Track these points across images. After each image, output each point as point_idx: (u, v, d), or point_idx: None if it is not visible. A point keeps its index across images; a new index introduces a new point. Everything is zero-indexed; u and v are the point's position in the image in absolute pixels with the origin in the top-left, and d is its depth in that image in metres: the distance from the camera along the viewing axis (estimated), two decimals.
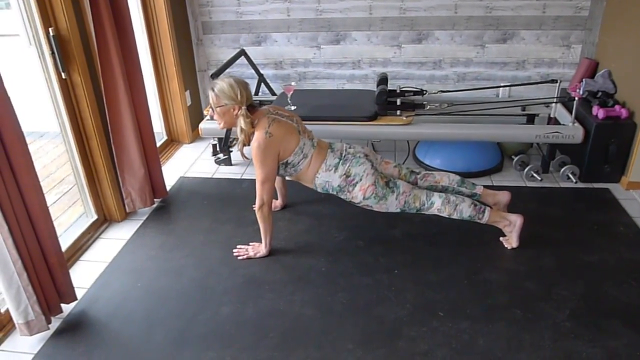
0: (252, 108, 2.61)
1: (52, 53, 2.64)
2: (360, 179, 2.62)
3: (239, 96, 2.52)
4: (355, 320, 2.35)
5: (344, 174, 2.64)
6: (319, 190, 2.74)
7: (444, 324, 2.31)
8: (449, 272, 2.64)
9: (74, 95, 2.80)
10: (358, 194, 2.65)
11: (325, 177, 2.67)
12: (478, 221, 2.71)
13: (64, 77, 2.72)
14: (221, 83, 2.55)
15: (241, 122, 2.56)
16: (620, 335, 2.22)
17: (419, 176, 2.85)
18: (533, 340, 2.21)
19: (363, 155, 2.69)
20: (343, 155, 2.68)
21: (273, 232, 2.78)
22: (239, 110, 2.55)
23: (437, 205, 2.67)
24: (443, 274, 2.63)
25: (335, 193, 2.71)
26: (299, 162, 2.65)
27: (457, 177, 2.86)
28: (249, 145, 2.62)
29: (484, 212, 2.70)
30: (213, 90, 2.58)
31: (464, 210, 2.67)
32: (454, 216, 2.68)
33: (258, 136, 2.53)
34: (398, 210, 2.70)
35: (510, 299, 2.44)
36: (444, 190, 2.82)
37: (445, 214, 2.68)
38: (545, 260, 2.70)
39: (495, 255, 2.77)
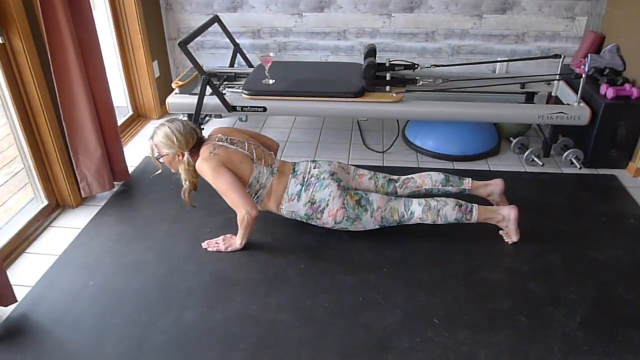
0: (200, 142, 2.47)
1: None
2: (327, 204, 2.41)
3: (176, 143, 2.37)
4: (338, 328, 2.06)
5: (309, 201, 2.43)
6: (289, 217, 2.54)
7: (439, 334, 2.02)
8: (444, 271, 2.35)
9: (16, 63, 2.42)
10: (328, 220, 2.44)
11: (289, 207, 2.47)
12: (467, 222, 2.44)
13: (1, 42, 2.33)
14: (158, 133, 2.40)
15: (181, 169, 2.43)
16: (639, 347, 1.95)
17: (397, 184, 2.60)
18: (541, 353, 1.94)
19: (328, 175, 2.46)
20: (305, 179, 2.45)
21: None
22: (182, 157, 2.41)
23: (417, 214, 2.42)
24: (437, 273, 2.34)
25: (304, 221, 2.50)
26: (257, 194, 2.45)
27: (441, 176, 2.60)
28: (195, 190, 2.49)
29: (471, 211, 2.43)
30: (152, 140, 2.44)
31: (448, 214, 2.42)
32: (439, 222, 2.43)
33: (202, 157, 2.38)
34: (377, 227, 2.47)
35: (513, 304, 2.16)
36: (428, 194, 2.58)
37: (429, 222, 2.44)
38: (550, 257, 2.43)
39: (495, 251, 2.48)
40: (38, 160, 2.67)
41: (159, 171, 2.57)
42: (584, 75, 3.00)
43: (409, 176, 2.63)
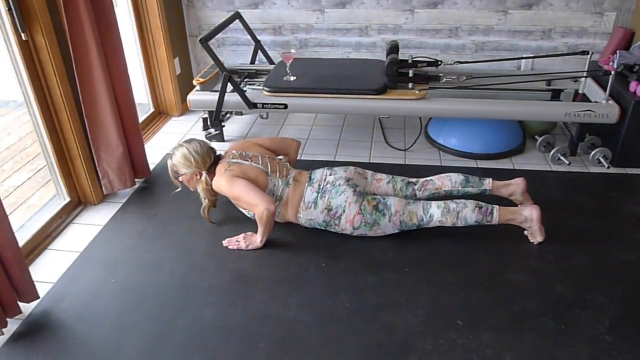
0: (217, 161, 2.56)
1: (9, 9, 2.26)
2: (344, 210, 2.41)
3: (194, 163, 2.49)
4: (359, 328, 2.02)
5: (325, 208, 2.44)
6: (307, 226, 2.55)
7: (463, 336, 1.98)
8: (468, 271, 2.30)
9: (38, 59, 2.43)
10: (346, 226, 2.44)
11: (307, 216, 2.48)
12: (488, 224, 2.39)
13: (24, 38, 2.34)
14: (176, 154, 2.53)
15: (199, 189, 2.55)
16: None
17: (416, 186, 2.57)
18: (568, 357, 1.88)
19: (344, 181, 2.45)
20: (321, 187, 2.45)
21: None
22: (200, 177, 2.53)
23: (437, 217, 2.39)
24: (461, 274, 2.29)
25: (323, 228, 2.51)
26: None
27: (460, 177, 2.55)
28: (214, 207, 2.63)
29: (491, 213, 2.38)
30: (171, 161, 2.56)
31: (468, 216, 2.37)
32: (459, 224, 2.39)
33: (218, 174, 2.48)
34: (397, 231, 2.45)
35: (539, 306, 2.11)
36: (447, 195, 2.54)
37: (448, 224, 2.39)
38: (577, 258, 2.36)
39: (520, 251, 2.43)
40: (60, 157, 2.69)
41: (179, 189, 2.68)
42: (612, 72, 2.92)
43: (428, 178, 2.59)
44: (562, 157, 3.15)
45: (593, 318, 2.04)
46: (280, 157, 2.72)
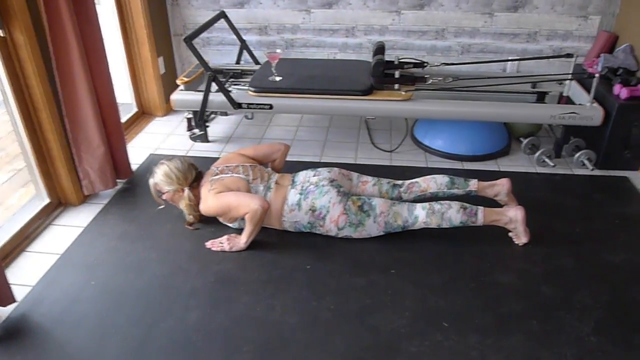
0: (199, 176, 2.58)
1: None
2: (328, 211, 2.39)
3: (175, 180, 2.49)
4: (345, 331, 2.00)
5: (310, 209, 2.41)
6: (292, 230, 2.51)
7: (449, 338, 1.96)
8: (454, 273, 2.29)
9: (17, 57, 2.37)
10: (331, 227, 2.41)
11: (291, 218, 2.45)
12: (473, 225, 2.39)
13: (2, 35, 2.29)
14: (158, 172, 2.53)
15: (182, 205, 2.53)
16: None
17: (402, 189, 2.57)
18: (554, 358, 1.88)
19: (327, 182, 2.44)
20: (304, 188, 2.43)
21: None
22: (182, 193, 2.51)
23: (422, 218, 2.38)
24: (447, 275, 2.28)
25: (308, 230, 2.48)
26: None
27: (446, 179, 2.55)
28: (199, 221, 2.60)
29: (476, 214, 2.38)
30: (153, 179, 2.55)
31: (453, 217, 2.36)
32: (444, 225, 2.38)
33: (203, 197, 2.49)
34: (382, 233, 2.44)
35: (525, 307, 2.10)
36: (433, 197, 2.54)
37: (433, 225, 2.39)
38: (563, 259, 2.37)
39: (506, 253, 2.42)
40: (40, 157, 2.63)
41: (162, 206, 2.65)
42: (597, 75, 2.93)
43: (413, 180, 2.59)
44: (546, 159, 3.16)
45: (579, 319, 2.04)
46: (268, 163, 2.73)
